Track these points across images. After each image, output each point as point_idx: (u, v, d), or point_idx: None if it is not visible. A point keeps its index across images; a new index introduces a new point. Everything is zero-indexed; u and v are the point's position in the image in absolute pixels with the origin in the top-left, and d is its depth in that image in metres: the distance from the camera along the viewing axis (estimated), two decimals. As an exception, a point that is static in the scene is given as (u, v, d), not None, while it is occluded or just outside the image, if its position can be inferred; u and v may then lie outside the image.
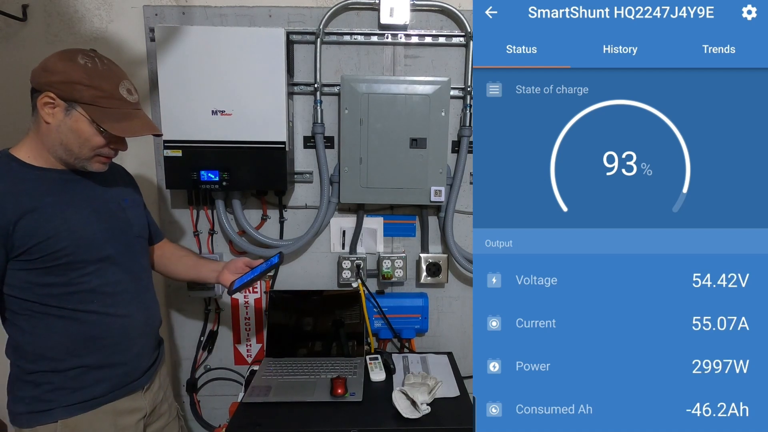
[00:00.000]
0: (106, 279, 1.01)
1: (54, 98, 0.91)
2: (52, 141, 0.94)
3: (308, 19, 1.43)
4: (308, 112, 1.48)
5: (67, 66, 0.92)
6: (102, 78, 0.94)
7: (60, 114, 0.93)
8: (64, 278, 0.96)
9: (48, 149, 0.95)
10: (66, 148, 0.95)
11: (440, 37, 1.45)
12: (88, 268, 0.99)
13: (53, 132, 0.93)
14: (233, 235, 1.48)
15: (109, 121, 0.94)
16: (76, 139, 0.94)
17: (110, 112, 0.95)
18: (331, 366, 1.37)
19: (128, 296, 1.06)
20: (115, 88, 0.96)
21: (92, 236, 0.99)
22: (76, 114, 0.93)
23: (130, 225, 1.09)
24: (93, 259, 0.99)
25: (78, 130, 0.94)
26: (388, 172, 1.42)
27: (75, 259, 0.96)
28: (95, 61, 0.95)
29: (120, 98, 0.97)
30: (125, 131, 0.97)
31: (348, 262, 1.53)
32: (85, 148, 0.95)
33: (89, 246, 0.98)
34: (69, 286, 0.97)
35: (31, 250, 0.92)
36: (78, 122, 0.93)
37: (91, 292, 0.99)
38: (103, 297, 1.01)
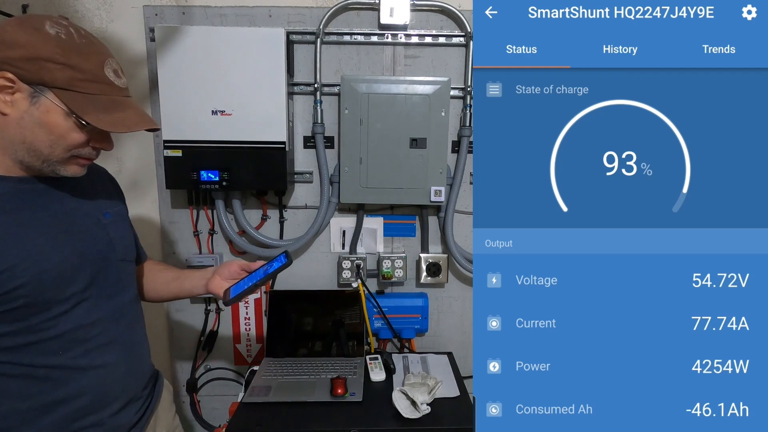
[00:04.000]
0: (77, 322, 0.77)
1: (14, 80, 0.67)
2: (11, 139, 0.70)
3: (308, 19, 1.43)
4: (308, 112, 1.48)
5: (31, 37, 0.67)
6: (81, 54, 0.70)
7: (23, 102, 0.68)
8: (21, 325, 0.71)
9: (2, 149, 0.71)
10: (31, 149, 0.71)
11: (440, 37, 1.45)
12: (54, 309, 0.74)
13: (12, 126, 0.69)
14: (233, 235, 1.48)
15: (94, 112, 0.71)
16: (46, 136, 0.70)
17: (94, 100, 0.71)
18: (331, 366, 1.37)
19: (106, 340, 0.82)
20: (99, 67, 0.72)
21: (60, 267, 0.74)
22: (46, 102, 0.69)
23: (111, 247, 0.85)
24: (61, 297, 0.75)
25: (49, 124, 0.70)
26: (388, 172, 1.42)
27: (36, 300, 0.72)
28: (70, 31, 0.71)
29: (106, 81, 0.73)
30: (115, 125, 0.73)
31: (348, 262, 1.53)
32: (58, 147, 0.72)
33: (56, 281, 0.74)
34: (27, 334, 0.72)
35: None
36: (49, 113, 0.69)
37: (57, 341, 0.75)
38: (72, 345, 0.77)
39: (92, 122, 0.71)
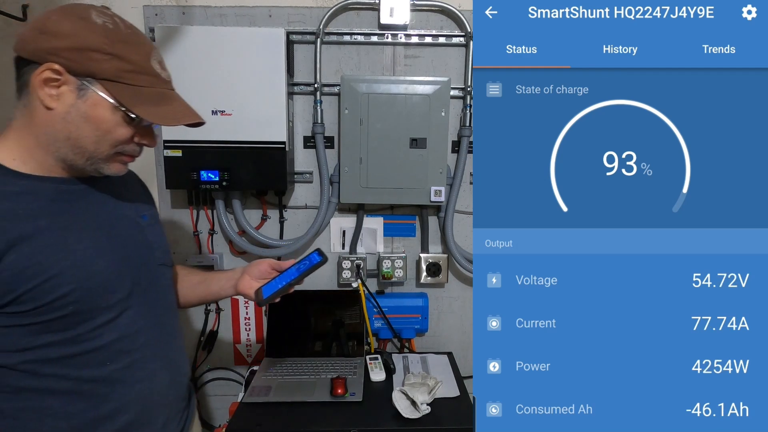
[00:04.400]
0: (121, 331, 0.74)
1: (61, 72, 0.64)
2: (55, 135, 0.66)
3: (308, 19, 1.43)
4: (308, 112, 1.48)
5: (78, 26, 0.64)
6: (128, 44, 0.67)
7: (69, 96, 0.65)
8: (67, 335, 0.68)
9: (45, 147, 0.67)
10: (76, 145, 0.67)
11: (440, 37, 1.45)
12: (100, 318, 0.71)
13: (57, 122, 0.66)
14: (233, 235, 1.48)
15: (143, 104, 0.68)
16: (92, 132, 0.67)
17: (141, 92, 0.68)
18: (331, 366, 1.37)
19: (149, 351, 0.78)
20: (146, 58, 0.70)
21: (106, 272, 0.71)
22: (94, 95, 0.65)
23: (151, 250, 0.82)
24: (106, 305, 0.71)
25: (96, 119, 0.66)
26: (388, 172, 1.42)
27: (83, 307, 0.69)
28: (116, 21, 0.69)
29: (152, 73, 0.70)
30: (166, 118, 0.71)
31: (348, 262, 1.53)
32: (104, 143, 0.69)
33: (102, 287, 0.71)
34: (73, 345, 0.69)
35: (22, 298, 0.64)
36: (96, 107, 0.66)
37: (102, 351, 0.71)
38: (117, 356, 0.73)
39: (142, 115, 0.67)
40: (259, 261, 0.98)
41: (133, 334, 0.75)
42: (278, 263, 0.97)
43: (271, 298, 0.91)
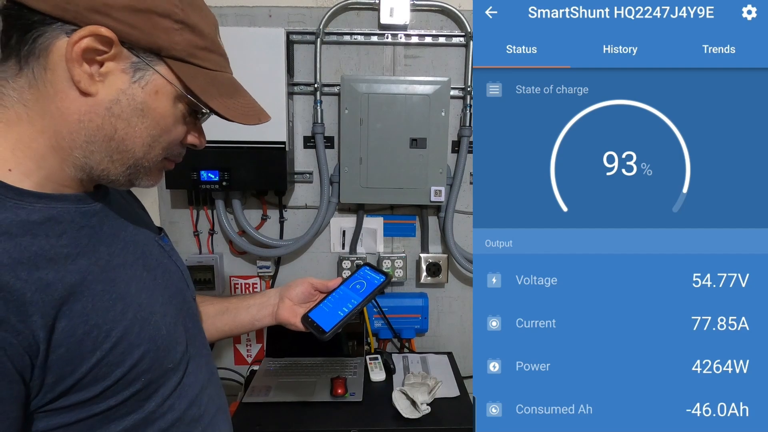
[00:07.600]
0: (190, 395, 0.57)
1: (112, 42, 0.43)
2: (90, 133, 0.46)
3: (308, 19, 1.43)
4: (308, 112, 1.48)
5: None
6: (198, 10, 0.48)
7: (119, 78, 0.45)
8: (140, 416, 0.51)
9: (64, 151, 0.46)
10: (120, 149, 0.47)
11: (440, 37, 1.45)
12: (168, 383, 0.54)
13: (98, 114, 0.45)
14: (233, 235, 1.49)
15: (218, 96, 0.51)
16: (148, 129, 0.48)
17: (214, 78, 0.51)
18: (331, 366, 1.37)
19: (214, 409, 0.62)
20: (215, 31, 0.52)
21: (164, 321, 0.54)
22: (157, 79, 0.47)
23: (185, 282, 0.64)
24: (172, 364, 0.54)
25: (156, 112, 0.48)
26: (388, 172, 1.42)
27: (155, 374, 0.51)
28: None
29: (222, 52, 0.54)
30: (246, 115, 0.55)
31: (348, 262, 1.53)
32: (157, 146, 0.50)
33: (167, 341, 0.53)
34: (147, 427, 0.52)
35: (84, 381, 0.45)
36: (158, 96, 0.47)
37: (180, 427, 0.55)
38: (191, 428, 0.57)
39: (219, 110, 0.50)
40: (297, 282, 0.81)
41: (199, 394, 0.59)
42: (321, 282, 0.81)
43: (334, 331, 0.76)
